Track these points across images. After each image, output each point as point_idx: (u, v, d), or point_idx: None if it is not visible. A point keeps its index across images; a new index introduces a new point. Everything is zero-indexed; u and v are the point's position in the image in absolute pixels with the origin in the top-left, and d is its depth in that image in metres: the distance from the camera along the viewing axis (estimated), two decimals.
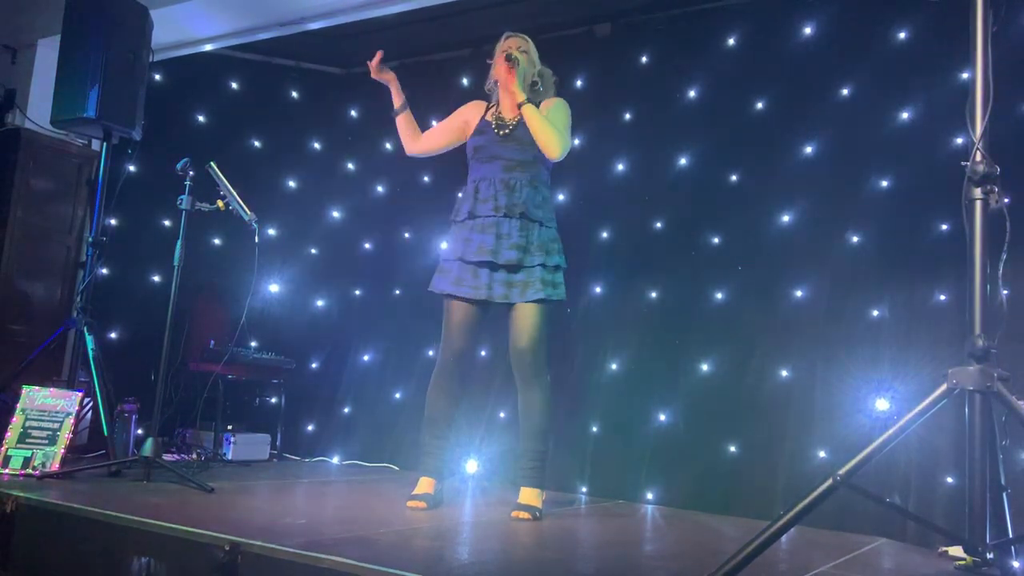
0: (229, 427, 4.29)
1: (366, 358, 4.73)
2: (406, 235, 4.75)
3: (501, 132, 3.00)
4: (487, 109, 3.14)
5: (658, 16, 4.26)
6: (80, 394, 3.41)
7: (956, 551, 2.51)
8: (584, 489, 3.82)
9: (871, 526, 3.08)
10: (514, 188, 2.94)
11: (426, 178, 4.80)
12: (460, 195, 3.12)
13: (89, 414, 3.59)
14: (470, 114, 3.16)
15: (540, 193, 2.98)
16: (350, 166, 5.07)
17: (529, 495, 2.94)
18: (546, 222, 2.97)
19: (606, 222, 4.17)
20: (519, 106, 2.95)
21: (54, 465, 3.15)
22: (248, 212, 3.51)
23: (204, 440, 4.25)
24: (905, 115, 3.50)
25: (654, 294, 3.97)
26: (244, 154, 4.94)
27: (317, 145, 5.16)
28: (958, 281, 2.73)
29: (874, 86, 3.58)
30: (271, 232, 4.90)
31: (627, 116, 4.22)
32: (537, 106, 3.00)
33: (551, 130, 2.90)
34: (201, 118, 4.88)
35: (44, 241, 4.38)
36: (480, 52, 4.71)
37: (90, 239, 3.83)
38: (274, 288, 4.89)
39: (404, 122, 3.18)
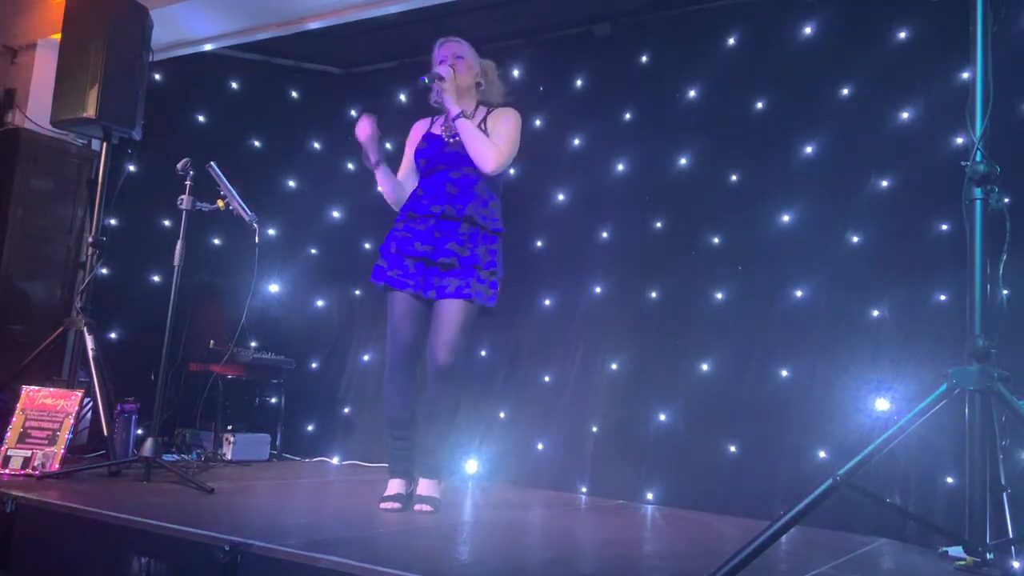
0: (229, 427, 4.29)
1: (366, 358, 4.73)
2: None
3: (450, 141, 3.01)
4: (432, 122, 3.15)
5: (658, 16, 4.26)
6: (80, 394, 3.41)
7: (956, 551, 2.51)
8: (584, 489, 3.82)
9: (871, 526, 3.07)
10: (456, 193, 2.94)
11: None
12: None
13: (89, 414, 3.59)
14: (416, 135, 3.17)
15: (484, 200, 2.96)
16: (350, 166, 5.06)
17: (427, 486, 2.94)
18: (489, 229, 2.95)
19: (606, 222, 4.16)
20: (453, 120, 2.95)
21: (54, 465, 3.15)
22: (248, 212, 3.51)
23: (204, 440, 4.25)
24: (905, 115, 3.50)
25: (654, 294, 3.97)
26: (244, 154, 4.94)
27: (317, 145, 5.15)
28: (958, 281, 2.72)
29: (874, 86, 3.58)
30: (271, 232, 4.90)
31: (627, 116, 4.21)
32: (486, 107, 3.06)
33: (482, 144, 2.91)
34: (201, 118, 4.88)
35: (44, 241, 4.37)
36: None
37: (90, 239, 3.83)
38: (274, 288, 4.89)
39: (383, 175, 3.09)
